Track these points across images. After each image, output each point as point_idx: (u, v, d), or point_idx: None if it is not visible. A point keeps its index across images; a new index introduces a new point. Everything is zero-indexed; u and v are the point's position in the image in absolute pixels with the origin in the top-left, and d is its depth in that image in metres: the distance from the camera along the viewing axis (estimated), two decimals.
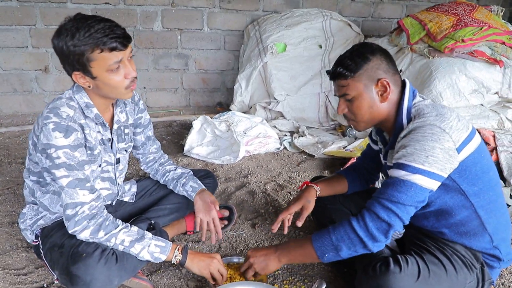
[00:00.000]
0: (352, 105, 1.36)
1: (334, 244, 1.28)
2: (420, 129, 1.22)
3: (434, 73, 2.75)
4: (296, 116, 3.48)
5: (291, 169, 2.71)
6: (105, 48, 1.24)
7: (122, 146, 1.60)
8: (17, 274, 1.59)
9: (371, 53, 1.33)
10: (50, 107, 1.32)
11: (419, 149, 1.19)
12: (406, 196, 1.21)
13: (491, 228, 1.33)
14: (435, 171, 1.19)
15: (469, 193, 1.28)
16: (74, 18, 1.26)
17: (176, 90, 4.00)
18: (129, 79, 1.33)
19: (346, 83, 1.34)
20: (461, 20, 2.87)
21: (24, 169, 2.51)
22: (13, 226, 1.92)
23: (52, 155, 1.27)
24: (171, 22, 3.71)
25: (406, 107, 1.33)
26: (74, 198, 1.30)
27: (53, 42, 1.27)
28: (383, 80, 1.32)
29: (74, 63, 1.26)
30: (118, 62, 1.28)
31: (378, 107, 1.35)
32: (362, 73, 1.32)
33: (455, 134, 1.21)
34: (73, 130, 1.30)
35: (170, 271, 1.63)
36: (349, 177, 1.72)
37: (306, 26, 3.61)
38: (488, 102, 2.80)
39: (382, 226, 1.23)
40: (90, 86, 1.33)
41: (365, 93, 1.33)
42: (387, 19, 4.35)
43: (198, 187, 1.72)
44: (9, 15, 3.28)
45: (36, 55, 3.48)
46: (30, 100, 3.62)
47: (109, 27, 1.25)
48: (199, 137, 2.93)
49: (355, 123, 1.42)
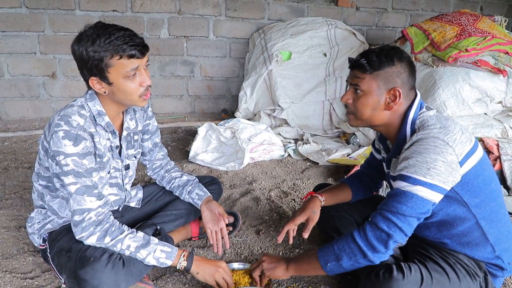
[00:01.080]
0: (359, 99, 1.34)
1: (335, 253, 1.30)
2: (423, 141, 1.22)
3: (438, 82, 2.76)
4: (301, 123, 3.50)
5: (296, 176, 2.72)
6: (124, 55, 1.28)
7: (132, 152, 1.63)
8: (24, 278, 1.61)
9: (398, 59, 1.31)
10: (62, 114, 1.34)
11: (421, 161, 1.19)
12: (406, 207, 1.21)
13: (492, 238, 1.33)
14: (437, 183, 1.19)
15: (471, 204, 1.29)
16: (95, 26, 1.29)
17: (181, 96, 4.04)
18: (144, 87, 1.36)
19: (363, 76, 1.32)
20: (464, 30, 2.89)
21: (31, 173, 2.55)
22: (20, 230, 1.94)
23: (61, 162, 1.30)
24: (177, 30, 3.76)
25: (411, 118, 1.32)
26: (81, 204, 1.32)
27: (73, 48, 1.30)
28: (396, 89, 1.30)
29: (93, 68, 1.30)
30: (134, 70, 1.32)
31: (380, 112, 1.34)
32: (381, 73, 1.30)
33: (458, 147, 1.21)
34: (82, 139, 1.33)
35: (175, 277, 1.64)
36: (353, 185, 1.72)
37: (311, 34, 3.65)
38: (492, 111, 2.81)
39: (381, 236, 1.24)
40: (105, 92, 1.36)
41: (375, 94, 1.32)
42: (391, 28, 4.38)
43: (204, 195, 1.74)
44: (19, 21, 3.34)
45: (44, 61, 3.53)
46: (37, 106, 3.66)
47: (129, 35, 1.29)
48: (204, 143, 2.95)
49: (352, 117, 1.41)
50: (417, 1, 4.35)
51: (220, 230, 1.68)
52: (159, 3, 3.61)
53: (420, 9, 4.40)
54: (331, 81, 3.52)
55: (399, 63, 1.30)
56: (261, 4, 3.89)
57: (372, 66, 1.30)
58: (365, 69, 1.31)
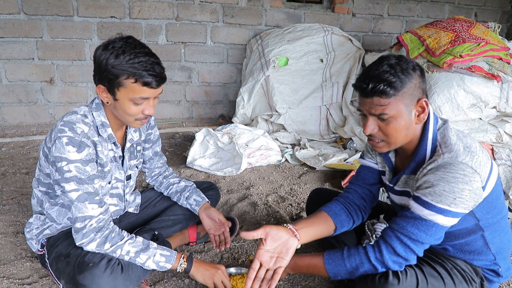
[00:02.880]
0: (388, 125, 1.22)
1: (348, 270, 1.30)
2: (451, 169, 1.16)
3: (433, 87, 2.80)
4: (298, 128, 3.52)
5: (293, 181, 2.74)
6: (139, 81, 1.27)
7: (134, 163, 1.65)
8: (21, 283, 1.61)
9: (413, 69, 1.20)
10: (65, 120, 1.35)
11: (448, 191, 1.15)
12: (426, 235, 1.21)
13: (495, 248, 1.34)
14: (460, 210, 1.18)
15: (482, 219, 1.28)
16: (126, 41, 1.28)
17: (179, 102, 4.05)
18: (144, 114, 1.37)
19: (386, 102, 1.18)
20: (459, 36, 2.93)
21: (28, 179, 2.55)
22: (18, 235, 1.94)
23: (63, 168, 1.30)
24: (175, 36, 3.78)
25: (432, 133, 1.25)
26: (83, 212, 1.33)
27: (97, 51, 1.30)
28: (422, 101, 1.22)
29: (105, 80, 1.30)
30: (143, 99, 1.33)
31: (413, 129, 1.25)
32: (406, 91, 1.18)
33: (483, 171, 1.18)
34: (85, 146, 1.33)
35: (173, 281, 1.65)
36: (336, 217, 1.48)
37: (308, 40, 3.68)
38: (487, 116, 2.84)
39: (398, 260, 1.25)
40: (108, 103, 1.37)
41: (405, 114, 1.20)
42: (387, 34, 4.42)
43: (201, 201, 1.76)
44: (17, 27, 3.35)
45: (42, 67, 3.54)
46: (35, 111, 3.67)
47: (152, 63, 1.28)
48: (201, 149, 2.97)
49: (383, 144, 1.28)
50: (412, 8, 4.40)
51: (223, 232, 1.76)
52: (157, 9, 3.64)
53: (415, 16, 4.45)
54: (328, 86, 3.55)
55: (415, 73, 1.20)
56: (258, 11, 3.92)
57: (396, 88, 1.17)
58: (388, 94, 1.17)
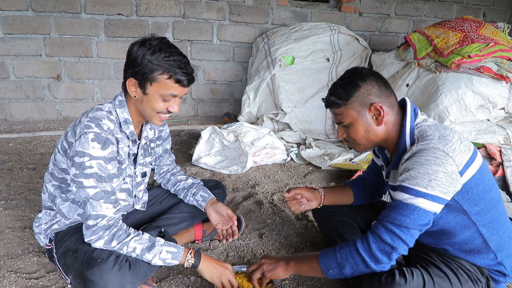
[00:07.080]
0: (349, 130, 1.40)
1: (338, 262, 1.32)
2: (423, 152, 1.23)
3: (440, 88, 2.78)
4: (303, 128, 3.52)
5: (298, 180, 2.73)
6: (173, 77, 1.33)
7: (148, 160, 1.67)
8: (28, 278, 1.62)
9: (361, 79, 1.35)
10: (91, 116, 1.36)
11: (423, 172, 1.20)
12: (410, 220, 1.22)
13: (494, 245, 1.34)
14: (438, 194, 1.20)
15: (471, 213, 1.30)
16: (161, 40, 1.35)
17: (184, 100, 4.06)
18: (168, 111, 1.42)
19: (340, 111, 1.38)
20: (467, 36, 2.91)
21: (35, 174, 2.57)
22: (25, 230, 1.95)
23: (85, 163, 1.30)
24: (181, 34, 3.78)
25: (409, 129, 1.34)
26: (97, 210, 1.34)
27: (132, 47, 1.35)
28: (375, 105, 1.33)
29: (139, 74, 1.33)
30: (173, 96, 1.37)
31: (374, 130, 1.38)
32: (353, 100, 1.34)
33: (458, 157, 1.22)
34: (110, 143, 1.35)
35: (179, 279, 1.65)
36: (355, 188, 1.74)
37: (314, 39, 3.67)
38: (495, 117, 2.82)
39: (385, 248, 1.25)
40: (135, 97, 1.40)
41: (360, 119, 1.36)
42: (394, 34, 4.40)
43: (208, 197, 1.76)
44: (25, 24, 3.37)
45: (49, 63, 3.56)
46: (42, 107, 3.69)
47: (185, 62, 1.35)
48: (207, 147, 2.97)
49: (354, 145, 1.46)
50: (420, 7, 4.38)
51: (230, 227, 1.79)
52: (163, 7, 3.64)
53: (423, 15, 4.43)
54: None
55: (364, 82, 1.34)
56: (264, 9, 3.92)
57: (343, 98, 1.35)
58: (338, 104, 1.37)
